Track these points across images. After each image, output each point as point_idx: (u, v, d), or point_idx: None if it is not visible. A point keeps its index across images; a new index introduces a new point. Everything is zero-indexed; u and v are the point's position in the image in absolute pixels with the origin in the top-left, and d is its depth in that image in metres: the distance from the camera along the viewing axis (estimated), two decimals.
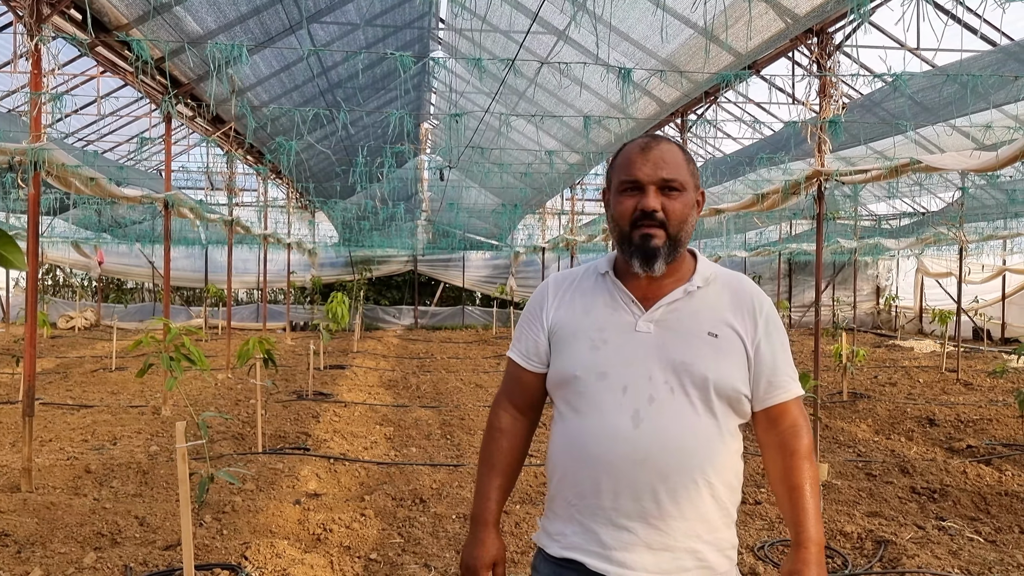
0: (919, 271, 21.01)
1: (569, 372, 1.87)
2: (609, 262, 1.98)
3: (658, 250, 1.83)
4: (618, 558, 1.79)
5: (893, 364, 14.10)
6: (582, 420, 1.84)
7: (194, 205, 8.99)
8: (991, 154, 4.75)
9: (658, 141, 1.89)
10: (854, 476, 6.50)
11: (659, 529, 1.78)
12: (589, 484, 1.82)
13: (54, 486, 5.81)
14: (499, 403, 2.06)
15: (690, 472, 1.78)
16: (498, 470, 2.00)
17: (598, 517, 1.81)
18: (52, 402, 9.34)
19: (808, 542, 1.81)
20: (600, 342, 1.86)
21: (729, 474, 1.85)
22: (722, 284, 1.93)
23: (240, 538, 4.73)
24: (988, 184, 12.41)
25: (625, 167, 1.86)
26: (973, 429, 8.37)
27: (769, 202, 6.86)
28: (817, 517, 1.85)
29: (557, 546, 1.88)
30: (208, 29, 7.76)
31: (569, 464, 1.86)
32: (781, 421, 1.90)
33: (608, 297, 1.91)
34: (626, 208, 1.85)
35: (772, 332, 1.90)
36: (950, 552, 4.65)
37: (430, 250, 22.02)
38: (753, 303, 1.91)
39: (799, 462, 1.87)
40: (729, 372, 1.83)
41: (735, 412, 1.86)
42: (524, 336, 2.01)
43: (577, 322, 1.91)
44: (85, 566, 4.27)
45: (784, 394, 1.88)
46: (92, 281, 22.37)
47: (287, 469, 6.28)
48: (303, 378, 11.15)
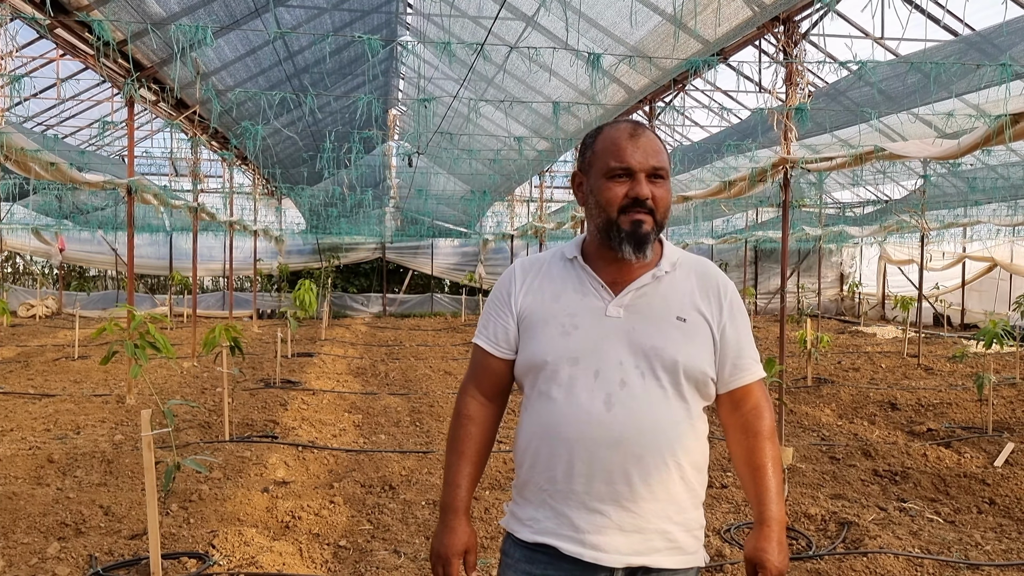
0: (882, 258, 21.36)
1: (540, 358, 1.87)
2: (576, 247, 1.98)
3: (648, 236, 1.85)
4: (592, 541, 1.81)
5: (856, 350, 14.33)
6: (554, 405, 1.84)
7: (158, 191, 8.85)
8: (953, 142, 4.84)
9: (643, 128, 1.91)
10: (818, 459, 6.61)
11: (631, 511, 1.80)
12: (562, 469, 1.83)
13: (16, 476, 5.72)
14: (466, 390, 2.04)
15: (662, 454, 1.81)
16: (467, 457, 1.99)
17: (571, 501, 1.83)
18: (13, 391, 9.17)
19: (771, 520, 1.86)
20: (571, 327, 1.86)
21: (697, 455, 1.88)
22: (688, 268, 1.95)
23: (208, 526, 4.70)
24: (949, 172, 12.63)
25: (614, 153, 1.85)
26: (933, 413, 8.55)
27: (736, 189, 6.92)
28: (779, 496, 1.89)
29: (529, 531, 1.88)
30: (171, 11, 7.63)
31: (541, 449, 1.86)
32: (745, 403, 1.93)
33: (577, 282, 1.92)
34: (615, 195, 1.84)
35: (736, 316, 1.93)
36: (911, 532, 4.75)
37: (399, 237, 21.91)
38: (719, 287, 1.94)
39: (762, 443, 1.91)
40: (697, 356, 1.85)
41: (701, 395, 1.89)
42: (492, 322, 1.99)
43: (547, 308, 1.91)
44: (48, 556, 4.21)
45: (748, 376, 1.92)
46: (53, 269, 21.96)
47: (255, 457, 6.24)
48: (270, 366, 11.06)
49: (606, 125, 1.94)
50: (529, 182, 18.19)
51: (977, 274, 18.52)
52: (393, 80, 14.30)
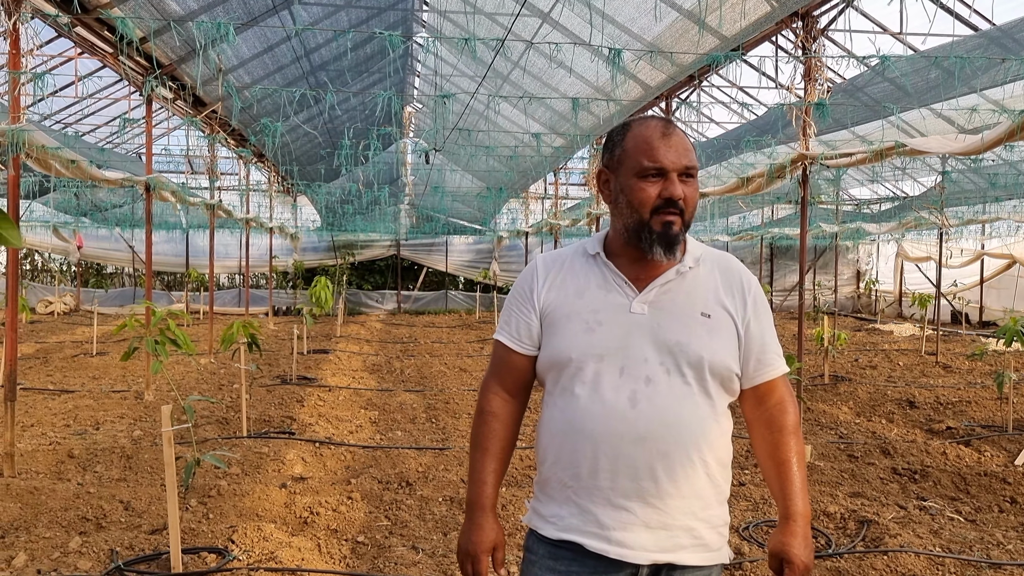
0: (899, 255, 21.20)
1: (564, 354, 1.87)
2: (599, 242, 1.97)
3: (678, 237, 1.85)
4: (617, 538, 1.81)
5: (873, 347, 14.24)
6: (579, 402, 1.84)
7: (176, 188, 8.91)
8: (976, 138, 4.78)
9: (673, 126, 1.89)
10: (836, 457, 6.57)
11: (656, 508, 1.80)
12: (587, 465, 1.82)
13: (37, 471, 5.77)
14: (488, 387, 2.04)
15: (687, 450, 1.80)
16: (492, 454, 1.99)
17: (596, 497, 1.82)
18: (33, 387, 9.25)
19: (796, 515, 1.85)
20: (595, 324, 1.86)
21: (722, 452, 1.88)
22: (712, 264, 1.94)
23: (227, 522, 4.72)
24: (969, 169, 12.52)
25: (647, 152, 1.83)
26: (952, 411, 8.48)
27: (754, 186, 6.88)
28: (804, 491, 1.88)
29: (553, 528, 1.88)
30: (189, 9, 7.66)
31: (565, 445, 1.86)
32: (769, 398, 1.93)
33: (601, 279, 1.92)
34: (649, 195, 1.83)
35: (760, 311, 1.93)
36: (931, 531, 4.72)
37: (413, 234, 21.94)
38: (743, 282, 1.93)
39: (786, 438, 1.91)
40: (722, 351, 1.85)
41: (726, 391, 1.88)
42: (514, 318, 1.99)
43: (570, 304, 1.91)
44: (71, 550, 4.25)
45: (772, 371, 1.92)
46: (71, 266, 22.14)
47: (272, 453, 6.27)
48: (286, 362, 11.11)
49: (634, 121, 1.93)
50: (544, 179, 18.17)
51: (996, 271, 18.35)
52: (409, 77, 14.31)
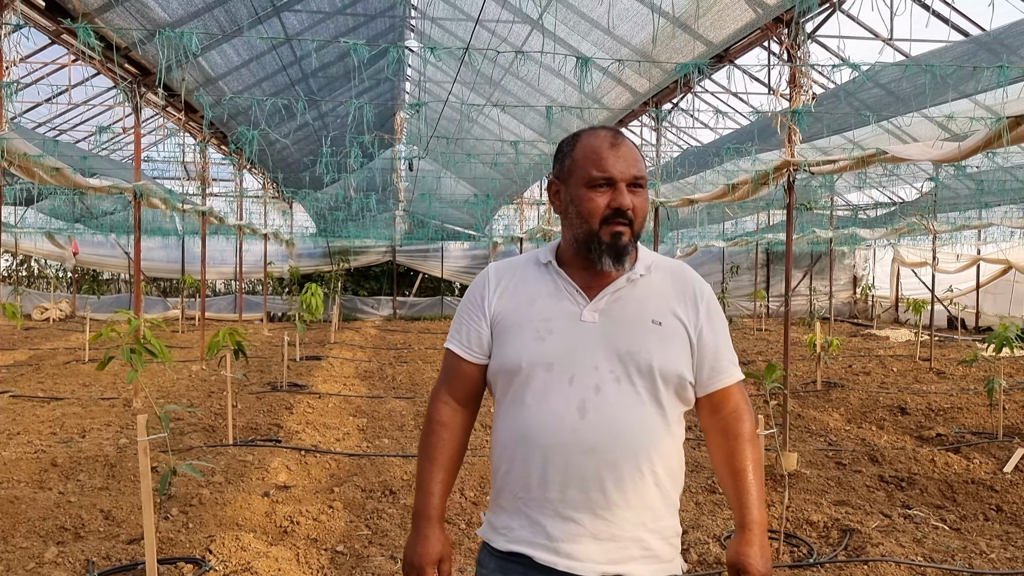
0: (895, 261, 21.18)
1: (514, 363, 1.85)
2: (551, 251, 1.97)
3: (627, 247, 1.84)
4: (565, 550, 1.79)
5: (868, 353, 14.20)
6: (528, 411, 1.83)
7: (164, 195, 8.89)
8: (953, 145, 4.77)
9: (622, 136, 1.90)
10: (824, 465, 6.54)
11: (605, 519, 1.78)
12: (536, 476, 1.81)
13: (19, 480, 5.74)
14: (437, 395, 2.03)
15: (636, 461, 1.78)
16: (439, 463, 1.96)
17: (545, 509, 1.80)
18: (23, 394, 9.22)
19: (752, 524, 1.84)
20: (545, 332, 1.85)
21: (673, 462, 1.86)
22: (664, 272, 1.93)
23: (206, 531, 4.70)
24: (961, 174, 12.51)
25: (596, 162, 1.83)
26: (944, 417, 8.45)
27: (740, 192, 6.87)
28: (760, 499, 1.87)
29: (503, 540, 1.86)
30: (176, 16, 7.65)
31: (516, 456, 1.84)
32: (724, 406, 1.91)
33: (552, 287, 1.90)
34: (598, 205, 1.82)
35: (714, 318, 1.91)
36: (914, 540, 4.69)
37: (409, 240, 21.92)
38: (695, 290, 1.92)
39: (742, 445, 1.89)
40: (674, 359, 1.83)
41: (680, 399, 1.86)
42: (464, 326, 1.97)
43: (522, 312, 1.89)
44: (46, 561, 4.22)
45: (727, 379, 1.90)
46: (67, 272, 22.12)
47: (257, 461, 6.24)
48: (279, 369, 11.08)
49: (583, 132, 1.93)
50: (539, 185, 18.17)
51: (992, 276, 18.33)
52: (402, 83, 14.31)
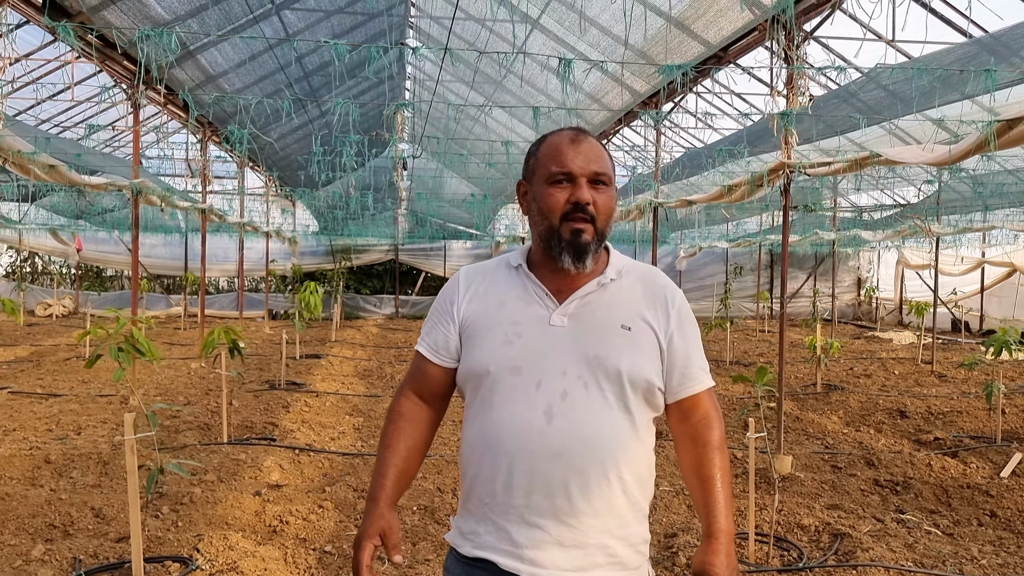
0: (900, 263, 21.10)
1: (482, 367, 1.83)
2: (522, 255, 1.95)
3: (588, 245, 1.82)
4: (530, 556, 1.77)
5: (870, 356, 14.15)
6: (495, 416, 1.81)
7: (163, 193, 8.90)
8: (944, 148, 4.74)
9: (585, 134, 1.88)
10: (819, 468, 6.51)
11: (571, 526, 1.76)
12: (502, 481, 1.79)
13: (11, 476, 5.75)
14: (401, 392, 2.00)
15: (603, 467, 1.76)
16: (395, 451, 1.92)
17: (510, 515, 1.78)
18: (21, 391, 9.24)
19: (719, 532, 1.82)
20: (514, 336, 1.83)
21: (641, 468, 1.84)
22: (635, 277, 1.92)
23: (195, 530, 4.69)
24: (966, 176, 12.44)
25: (555, 158, 1.83)
26: (943, 421, 8.40)
27: (737, 194, 6.84)
28: (728, 508, 1.85)
29: (470, 545, 1.84)
30: (176, 14, 7.65)
31: (483, 461, 1.83)
32: (693, 413, 1.89)
33: (522, 290, 1.89)
34: (557, 201, 1.82)
35: (685, 324, 1.89)
36: (906, 545, 4.65)
37: (411, 239, 21.92)
38: (666, 296, 1.90)
39: (711, 453, 1.87)
40: (642, 364, 1.81)
41: (649, 405, 1.84)
42: (434, 330, 1.96)
43: (491, 316, 1.88)
44: (33, 559, 4.22)
45: (696, 386, 1.88)
46: (71, 268, 22.18)
47: (250, 460, 6.24)
48: (279, 367, 11.08)
49: (550, 133, 1.92)
50: None
51: (996, 279, 18.24)
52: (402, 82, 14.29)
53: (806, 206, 16.66)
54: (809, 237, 16.21)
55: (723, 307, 16.48)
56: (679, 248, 22.12)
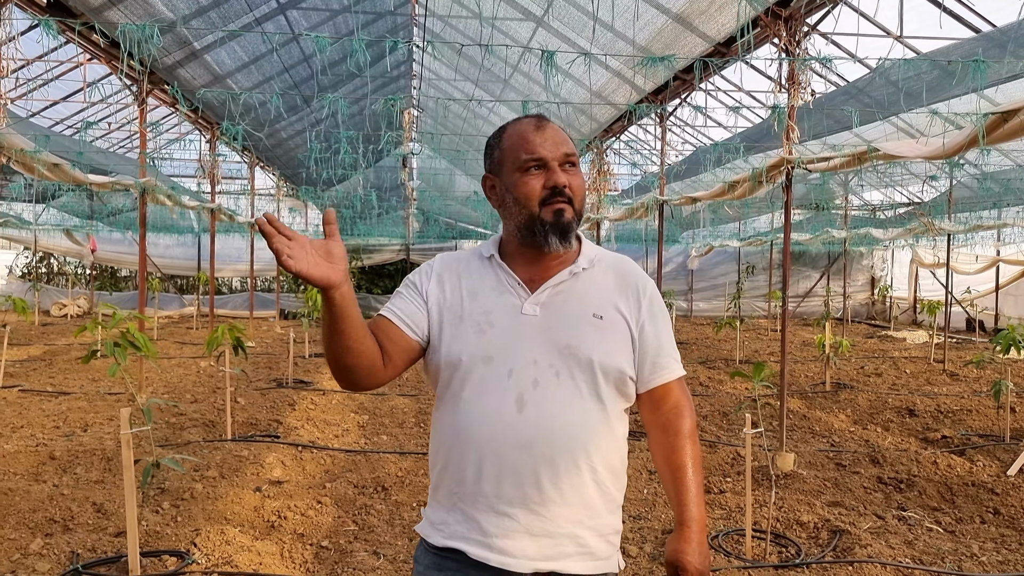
0: (914, 261, 20.93)
1: (455, 357, 1.82)
2: (494, 244, 1.95)
3: (571, 224, 1.82)
4: (499, 545, 1.76)
5: (883, 355, 14.04)
6: (466, 406, 1.80)
7: (170, 192, 8.96)
8: (938, 143, 4.70)
9: (546, 120, 1.88)
10: (823, 466, 6.46)
11: (540, 515, 1.76)
12: (472, 470, 1.78)
13: (16, 472, 5.80)
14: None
15: (574, 456, 1.76)
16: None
17: (479, 504, 1.78)
18: (32, 389, 9.33)
19: (691, 522, 1.81)
20: (486, 326, 1.82)
21: (613, 458, 1.83)
22: (607, 266, 1.91)
23: (194, 525, 4.72)
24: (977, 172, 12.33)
25: (523, 146, 1.82)
26: (951, 420, 8.33)
27: (740, 191, 6.80)
28: (700, 497, 1.84)
29: (440, 535, 1.84)
30: (180, 13, 7.70)
31: (453, 450, 1.82)
32: (664, 402, 1.88)
33: (495, 281, 1.88)
34: (533, 187, 1.81)
35: (656, 313, 1.89)
36: (905, 542, 4.61)
37: (421, 239, 21.95)
38: (638, 285, 1.89)
39: (682, 442, 1.87)
40: (614, 353, 1.81)
41: (621, 395, 1.83)
42: (403, 300, 1.90)
43: (464, 306, 1.86)
44: (31, 552, 4.26)
45: (667, 375, 1.88)
46: (86, 269, 22.37)
47: (252, 457, 6.26)
48: (287, 366, 11.13)
49: (508, 123, 1.92)
50: None
51: (1012, 278, 18.05)
52: (411, 81, 14.33)
53: (817, 204, 16.55)
54: (820, 236, 16.10)
55: (734, 306, 16.42)
56: (691, 248, 22.02)
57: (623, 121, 10.16)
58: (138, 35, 4.75)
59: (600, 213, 10.95)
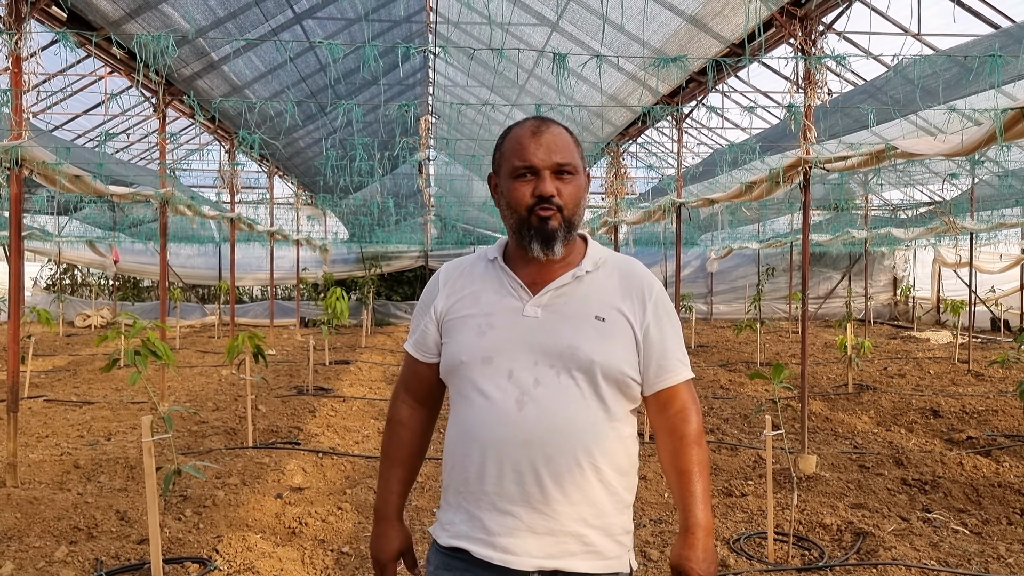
0: (936, 261, 20.71)
1: (456, 358, 1.85)
2: (499, 248, 1.97)
3: (556, 232, 1.82)
4: (502, 544, 1.77)
5: (906, 355, 13.90)
6: (469, 406, 1.82)
7: (190, 202, 9.04)
8: (956, 139, 4.64)
9: (548, 124, 1.88)
10: (846, 468, 6.40)
11: (543, 513, 1.76)
12: (475, 470, 1.80)
13: (40, 481, 5.86)
14: (397, 395, 2.06)
15: (574, 454, 1.76)
16: (399, 462, 2.01)
17: (482, 503, 1.79)
18: (57, 399, 9.45)
19: (695, 527, 1.80)
20: (487, 327, 1.84)
21: (620, 458, 1.82)
22: (612, 268, 1.91)
23: (216, 532, 4.75)
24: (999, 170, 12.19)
25: (518, 152, 1.84)
26: (977, 420, 8.23)
27: (757, 192, 6.76)
28: (705, 502, 1.83)
29: (446, 535, 1.86)
30: (198, 25, 7.78)
31: (458, 450, 1.85)
32: (671, 405, 1.88)
33: (497, 283, 1.90)
34: (523, 195, 1.83)
35: (661, 316, 1.88)
36: (930, 544, 4.56)
37: (440, 245, 22.01)
38: (643, 287, 1.89)
39: (688, 446, 1.86)
40: (616, 355, 1.80)
41: (625, 397, 1.83)
42: (417, 327, 2.00)
43: (466, 309, 1.89)
44: (56, 560, 4.30)
45: (673, 378, 1.86)
46: (108, 280, 22.61)
47: (273, 463, 6.30)
48: (308, 373, 11.19)
49: (513, 125, 1.93)
50: None
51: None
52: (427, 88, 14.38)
53: (836, 205, 16.42)
54: (840, 236, 15.98)
55: (754, 308, 16.31)
56: (709, 250, 21.92)
57: (639, 124, 10.14)
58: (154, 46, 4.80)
59: (617, 216, 10.92)
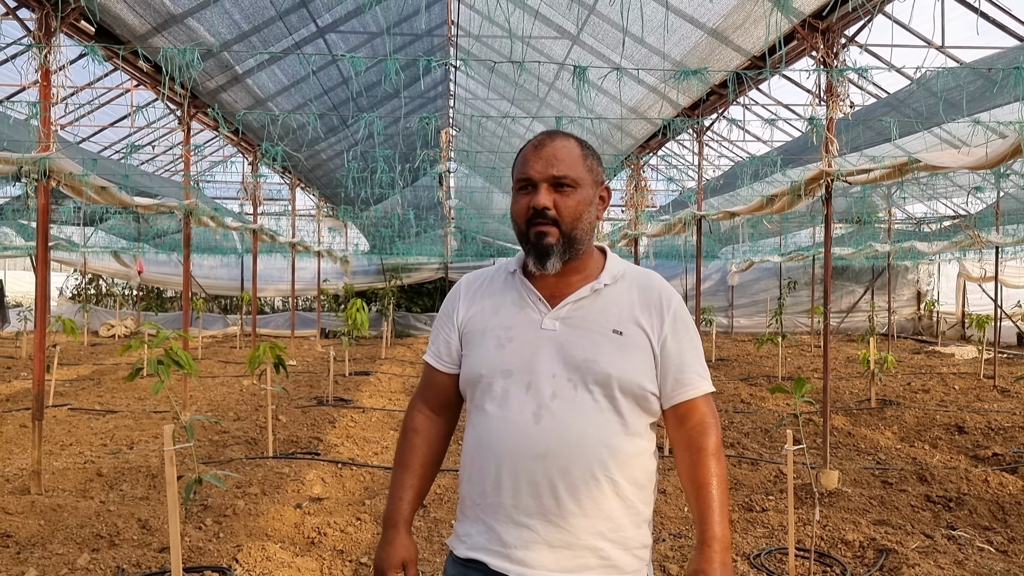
0: (961, 275, 20.48)
1: (476, 371, 1.87)
2: (519, 261, 1.98)
3: (551, 247, 1.82)
4: (518, 556, 1.77)
5: (930, 371, 13.74)
6: (487, 418, 1.83)
7: (213, 213, 9.13)
8: (981, 152, 4.60)
9: (554, 137, 1.88)
10: (869, 484, 6.33)
11: (559, 526, 1.76)
12: (491, 482, 1.81)
13: (64, 488, 5.93)
14: (414, 405, 2.06)
15: (590, 467, 1.76)
16: (410, 470, 1.99)
17: (499, 515, 1.80)
18: (81, 407, 9.54)
19: (713, 541, 1.78)
20: (506, 340, 1.85)
21: (637, 472, 1.82)
22: (631, 281, 1.91)
23: (235, 541, 4.77)
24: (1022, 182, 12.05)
25: (520, 165, 1.87)
26: (1003, 436, 8.11)
27: (779, 204, 6.73)
28: (723, 515, 1.82)
29: (463, 547, 1.87)
30: (223, 39, 7.88)
31: (475, 463, 1.86)
32: (689, 418, 1.87)
33: (516, 296, 1.91)
34: (521, 207, 1.85)
35: (680, 329, 1.87)
36: (955, 562, 4.49)
37: (459, 257, 22.07)
38: (661, 300, 1.89)
39: (706, 459, 1.85)
40: (633, 369, 1.80)
41: (643, 410, 1.83)
42: (438, 337, 2.01)
43: (486, 321, 1.90)
44: (78, 567, 4.34)
45: (692, 391, 1.86)
46: (132, 290, 22.86)
47: (293, 474, 6.32)
48: (328, 384, 11.23)
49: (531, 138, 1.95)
50: None
51: None
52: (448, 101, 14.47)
53: (859, 218, 16.30)
54: (863, 250, 15.85)
55: (775, 322, 16.20)
56: (730, 263, 21.81)
57: (660, 136, 10.13)
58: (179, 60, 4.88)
59: (638, 229, 10.91)
